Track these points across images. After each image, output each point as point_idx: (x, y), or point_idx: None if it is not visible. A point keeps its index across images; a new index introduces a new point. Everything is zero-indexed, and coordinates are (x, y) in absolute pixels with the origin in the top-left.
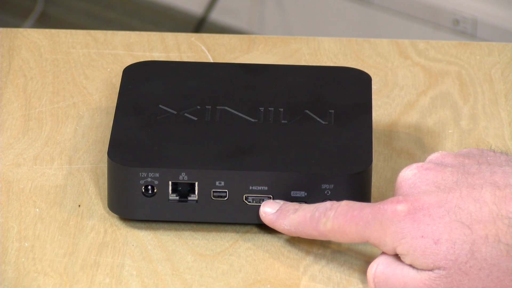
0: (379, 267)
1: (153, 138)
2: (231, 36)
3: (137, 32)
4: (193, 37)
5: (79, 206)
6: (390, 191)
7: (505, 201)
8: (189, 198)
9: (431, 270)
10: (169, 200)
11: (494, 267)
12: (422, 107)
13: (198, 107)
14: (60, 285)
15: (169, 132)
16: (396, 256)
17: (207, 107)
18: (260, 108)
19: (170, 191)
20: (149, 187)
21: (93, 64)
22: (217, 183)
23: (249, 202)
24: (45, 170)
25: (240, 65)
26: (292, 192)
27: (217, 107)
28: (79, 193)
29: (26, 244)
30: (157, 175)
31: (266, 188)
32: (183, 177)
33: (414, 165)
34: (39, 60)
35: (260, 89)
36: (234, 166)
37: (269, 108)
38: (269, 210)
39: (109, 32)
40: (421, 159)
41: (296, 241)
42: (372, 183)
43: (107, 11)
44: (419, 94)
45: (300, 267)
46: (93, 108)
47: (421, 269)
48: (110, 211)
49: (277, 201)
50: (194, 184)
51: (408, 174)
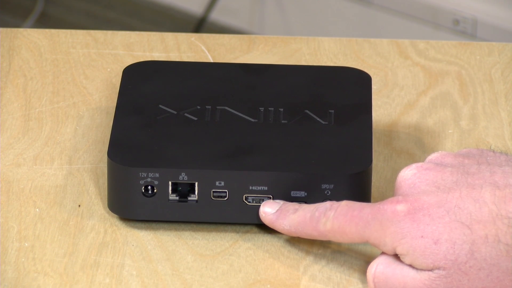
0: (379, 267)
1: (153, 138)
2: (231, 36)
3: (137, 32)
4: (193, 37)
5: (79, 206)
6: (390, 191)
7: (505, 201)
8: (189, 198)
9: (430, 270)
10: (169, 200)
11: (494, 267)
12: (422, 107)
13: (198, 107)
14: (60, 285)
15: (169, 132)
16: (396, 256)
17: (207, 107)
18: (260, 108)
19: (170, 191)
20: (149, 187)
21: (93, 64)
22: (217, 183)
23: (249, 202)
24: (45, 170)
25: (240, 65)
26: (292, 192)
27: (217, 107)
28: (79, 193)
29: (26, 244)
30: (157, 175)
31: (266, 188)
32: (183, 177)
33: (413, 165)
34: (39, 60)
35: (260, 89)
36: (234, 166)
37: (269, 108)
38: (269, 210)
39: (109, 32)
40: (421, 159)
41: (296, 241)
42: (372, 183)
43: (107, 11)
44: (419, 94)
45: (300, 267)
46: (93, 108)
47: (421, 269)
48: (110, 211)
49: (277, 201)
50: (194, 184)
51: (408, 174)
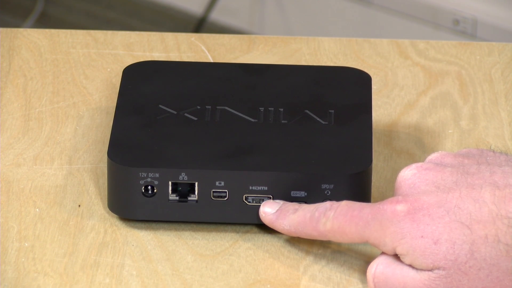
0: (379, 267)
1: (153, 138)
2: (231, 36)
3: (137, 32)
4: (193, 37)
5: (79, 206)
6: (390, 191)
7: (505, 201)
8: (189, 198)
9: (430, 270)
10: (169, 200)
11: (494, 267)
12: (422, 107)
13: (198, 107)
14: (60, 285)
15: (169, 132)
16: (396, 256)
17: (207, 107)
18: (260, 108)
19: (170, 191)
20: (149, 187)
21: (93, 64)
22: (217, 183)
23: (249, 202)
24: (45, 170)
25: (240, 65)
26: (292, 192)
27: (217, 107)
28: (79, 193)
29: (26, 244)
30: (157, 175)
31: (266, 188)
32: (183, 177)
33: (413, 165)
34: (39, 60)
35: (260, 89)
36: (234, 166)
37: (269, 108)
38: (269, 210)
39: (109, 32)
40: (421, 159)
41: (296, 241)
42: (372, 183)
43: (107, 11)
44: (419, 94)
45: (300, 267)
46: (93, 108)
47: (421, 269)
48: (110, 211)
49: (277, 201)
50: (194, 184)
51: (408, 174)
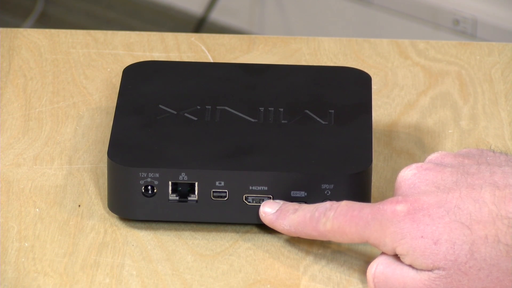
0: (379, 267)
1: (153, 138)
2: (231, 36)
3: (137, 32)
4: (193, 37)
5: (79, 206)
6: (390, 191)
7: (505, 201)
8: (189, 198)
9: (430, 270)
10: (169, 200)
11: (494, 267)
12: (422, 107)
13: (198, 107)
14: (60, 285)
15: (169, 132)
16: (396, 256)
17: (207, 107)
18: (260, 108)
19: (170, 191)
20: (149, 187)
21: (93, 64)
22: (217, 183)
23: (249, 202)
24: (45, 170)
25: (240, 65)
26: (292, 192)
27: (217, 107)
28: (79, 193)
29: (26, 244)
30: (157, 175)
31: (266, 188)
32: (183, 177)
33: (413, 165)
34: (39, 60)
35: (260, 89)
36: (234, 166)
37: (269, 108)
38: (269, 210)
39: (109, 32)
40: (421, 159)
41: (296, 241)
42: (372, 183)
43: (107, 11)
44: (419, 94)
45: (300, 267)
46: (93, 108)
47: (421, 270)
48: (110, 211)
49: (277, 201)
50: (194, 184)
51: (408, 174)
